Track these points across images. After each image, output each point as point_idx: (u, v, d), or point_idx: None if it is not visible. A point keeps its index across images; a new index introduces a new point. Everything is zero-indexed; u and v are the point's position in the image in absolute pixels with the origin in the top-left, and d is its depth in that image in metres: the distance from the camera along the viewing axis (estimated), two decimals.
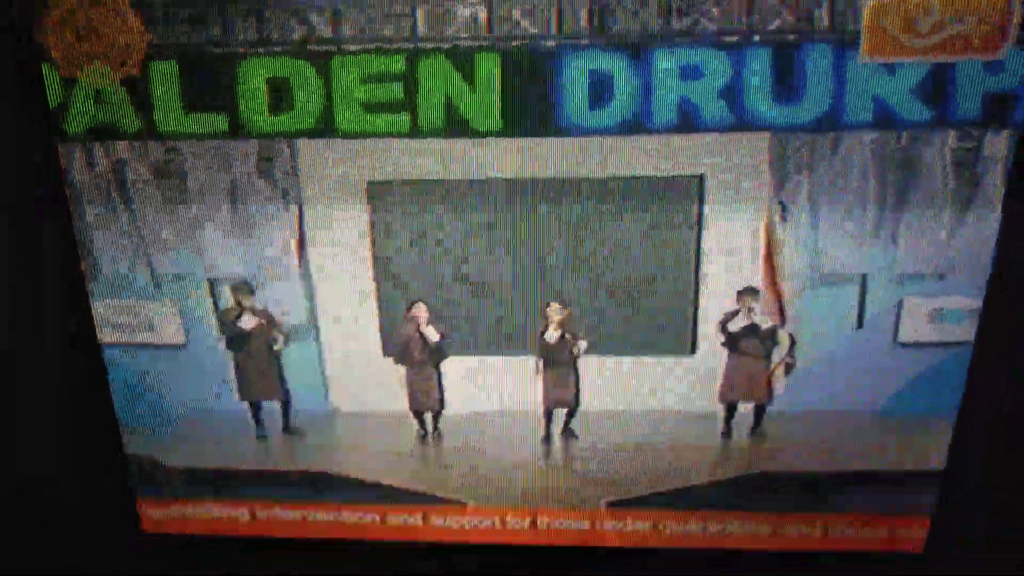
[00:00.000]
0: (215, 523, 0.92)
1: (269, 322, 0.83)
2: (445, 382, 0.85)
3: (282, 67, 0.73)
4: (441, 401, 0.86)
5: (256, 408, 0.87)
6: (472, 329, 0.83)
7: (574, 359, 0.83)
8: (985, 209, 0.74)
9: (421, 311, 0.83)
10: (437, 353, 0.84)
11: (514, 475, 0.87)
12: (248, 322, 0.83)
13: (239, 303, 0.83)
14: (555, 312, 0.81)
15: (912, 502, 0.84)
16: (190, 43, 0.73)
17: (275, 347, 0.84)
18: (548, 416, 0.85)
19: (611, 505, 0.88)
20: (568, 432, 0.86)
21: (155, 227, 0.80)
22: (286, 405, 0.87)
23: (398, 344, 0.84)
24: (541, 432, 0.86)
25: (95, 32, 0.72)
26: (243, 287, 0.82)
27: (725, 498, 0.86)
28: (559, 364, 0.83)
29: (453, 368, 0.85)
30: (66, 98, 0.75)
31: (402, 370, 0.85)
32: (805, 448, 0.84)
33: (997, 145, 0.72)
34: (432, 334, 0.83)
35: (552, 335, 0.82)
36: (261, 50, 0.73)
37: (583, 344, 0.82)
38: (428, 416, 0.87)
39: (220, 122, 0.75)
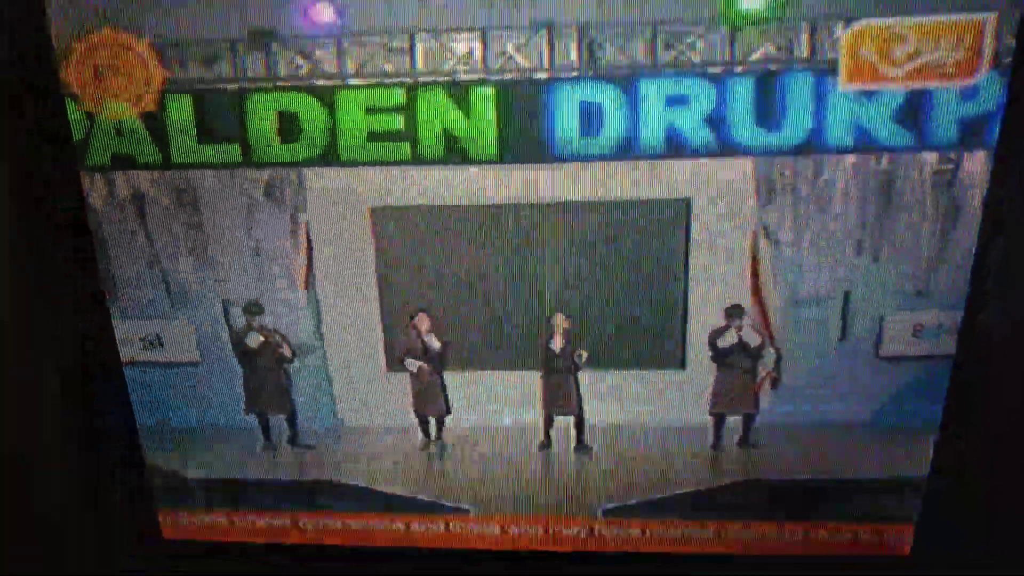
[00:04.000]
0: (230, 530, 0.97)
1: (277, 340, 0.87)
2: (448, 392, 0.89)
3: (289, 100, 0.77)
4: (447, 407, 0.89)
5: (265, 422, 0.92)
6: (474, 344, 0.87)
7: (575, 368, 0.87)
8: (963, 228, 0.77)
9: (423, 321, 0.86)
10: (440, 361, 0.88)
11: (515, 484, 0.91)
12: (256, 340, 0.88)
13: (249, 322, 0.87)
14: (561, 321, 0.85)
15: (898, 507, 0.87)
16: (203, 79, 0.77)
17: (286, 364, 0.88)
18: (548, 422, 0.89)
19: (608, 512, 0.91)
20: (581, 448, 0.89)
21: (171, 250, 0.84)
22: (292, 419, 0.91)
23: (400, 352, 0.88)
24: (541, 438, 0.89)
25: (115, 71, 0.77)
26: (253, 307, 0.86)
27: (717, 505, 0.89)
28: (560, 372, 0.87)
29: (455, 380, 0.89)
30: (88, 131, 0.80)
31: (407, 377, 0.89)
32: (794, 458, 0.87)
33: (974, 166, 0.75)
34: (434, 342, 0.87)
35: (557, 342, 0.86)
36: (269, 85, 0.77)
37: (584, 354, 0.86)
38: (432, 421, 0.91)
39: (233, 152, 0.80)
